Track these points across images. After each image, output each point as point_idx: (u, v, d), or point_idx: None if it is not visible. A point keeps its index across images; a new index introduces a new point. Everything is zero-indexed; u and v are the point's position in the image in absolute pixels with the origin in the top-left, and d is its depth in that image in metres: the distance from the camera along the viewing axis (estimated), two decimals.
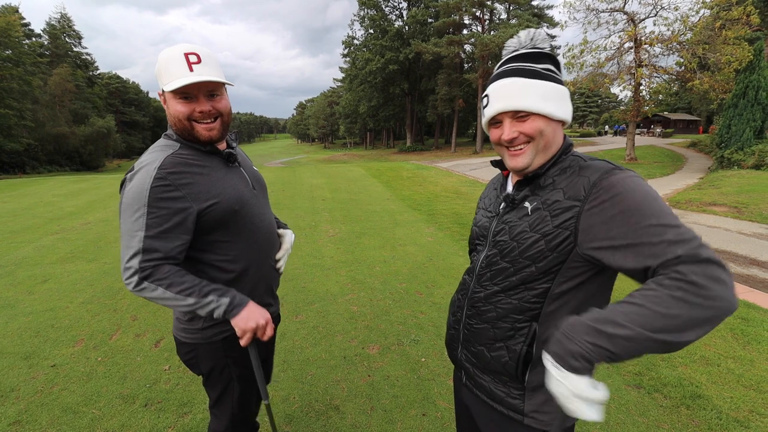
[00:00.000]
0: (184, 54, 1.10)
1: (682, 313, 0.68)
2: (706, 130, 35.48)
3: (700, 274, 0.69)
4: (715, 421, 2.21)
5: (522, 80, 0.92)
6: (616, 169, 0.86)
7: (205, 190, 1.17)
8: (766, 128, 14.89)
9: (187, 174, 1.15)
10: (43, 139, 36.52)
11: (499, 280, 1.00)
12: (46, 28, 48.50)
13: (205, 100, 1.15)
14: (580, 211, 0.85)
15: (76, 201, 9.84)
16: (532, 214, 0.94)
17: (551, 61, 0.95)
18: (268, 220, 1.39)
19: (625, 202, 0.79)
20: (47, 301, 3.81)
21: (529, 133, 0.93)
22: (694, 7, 17.18)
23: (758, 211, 7.80)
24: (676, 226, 0.74)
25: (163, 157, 1.14)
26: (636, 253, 0.76)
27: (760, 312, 3.52)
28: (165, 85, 1.12)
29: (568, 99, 0.96)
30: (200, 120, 1.16)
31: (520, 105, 0.91)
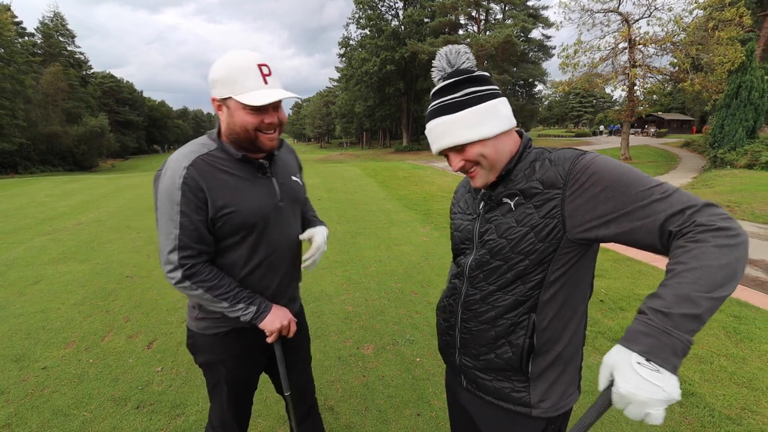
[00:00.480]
0: (258, 65, 1.10)
1: (731, 259, 0.70)
2: (700, 130, 35.76)
3: (718, 218, 0.73)
4: (707, 418, 2.22)
5: (445, 119, 0.96)
6: (583, 153, 0.90)
7: (224, 196, 1.17)
8: (759, 128, 15.05)
9: (210, 177, 1.16)
10: (36, 139, 36.16)
11: (494, 279, 1.01)
12: (39, 26, 48.14)
13: (273, 112, 1.17)
14: (563, 197, 0.88)
15: (69, 201, 9.76)
16: (516, 209, 0.96)
17: (470, 81, 0.96)
18: (289, 235, 1.36)
19: (604, 180, 0.83)
20: (38, 303, 3.76)
21: (470, 159, 0.97)
22: (687, 7, 17.35)
23: (751, 210, 7.87)
24: (657, 185, 0.79)
25: (194, 157, 1.16)
26: (630, 219, 0.79)
27: (752, 310, 3.55)
28: (237, 95, 1.10)
29: (499, 111, 0.96)
30: (265, 131, 1.18)
31: (451, 142, 0.96)
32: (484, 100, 0.95)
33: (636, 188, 0.79)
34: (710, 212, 0.74)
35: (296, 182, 1.40)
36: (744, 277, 4.56)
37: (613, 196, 0.81)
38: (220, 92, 1.14)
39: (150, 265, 4.86)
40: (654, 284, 4.18)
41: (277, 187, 1.31)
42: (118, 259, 5.11)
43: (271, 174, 1.30)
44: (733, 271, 0.70)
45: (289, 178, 1.37)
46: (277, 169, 1.33)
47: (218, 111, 1.20)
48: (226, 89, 1.12)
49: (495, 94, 0.97)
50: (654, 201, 0.77)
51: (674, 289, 0.71)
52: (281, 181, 1.33)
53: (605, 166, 0.84)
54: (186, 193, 1.12)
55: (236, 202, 1.19)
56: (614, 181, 0.82)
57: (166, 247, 1.15)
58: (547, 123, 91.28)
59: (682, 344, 0.68)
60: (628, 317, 3.41)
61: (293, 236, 1.39)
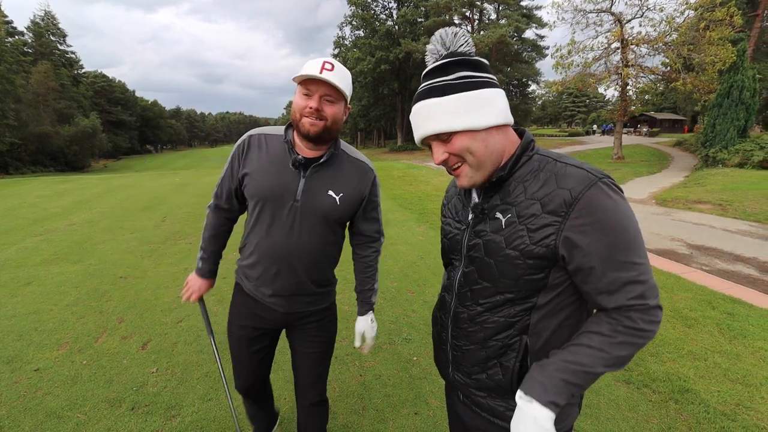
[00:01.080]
0: (323, 61, 1.26)
1: (631, 352, 0.81)
2: (692, 129, 36.14)
3: (647, 321, 0.79)
4: (702, 414, 2.24)
5: (431, 101, 0.86)
6: (595, 178, 0.81)
7: (251, 164, 1.39)
8: (750, 127, 15.22)
9: (255, 148, 1.41)
10: (26, 139, 35.65)
11: (482, 301, 0.95)
12: (29, 26, 47.54)
13: (318, 100, 1.27)
14: (561, 228, 0.81)
15: (61, 202, 9.65)
16: (506, 227, 0.87)
17: (466, 65, 0.86)
18: (298, 238, 1.39)
19: (604, 230, 0.79)
20: (31, 304, 3.71)
21: (455, 152, 0.87)
22: (679, 8, 17.54)
23: (742, 209, 7.96)
24: (640, 264, 0.80)
25: (258, 132, 1.45)
26: (598, 276, 0.81)
27: (745, 307, 3.59)
28: (296, 77, 1.28)
29: (494, 101, 0.86)
30: (308, 115, 1.28)
31: (433, 129, 0.86)
32: (479, 87, 0.85)
33: (626, 256, 0.79)
34: (647, 315, 0.80)
35: (330, 197, 1.39)
36: (737, 274, 4.64)
37: (602, 250, 0.79)
38: (294, 80, 1.32)
39: (144, 265, 4.81)
40: None
41: (301, 185, 1.36)
42: (112, 259, 5.05)
43: (303, 173, 1.36)
44: (626, 359, 0.81)
45: (324, 190, 1.38)
46: (318, 174, 1.38)
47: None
48: (296, 76, 1.28)
49: (492, 83, 0.87)
50: (629, 282, 0.79)
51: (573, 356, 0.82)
52: (312, 185, 1.37)
53: (613, 213, 0.79)
54: (234, 152, 1.44)
55: (255, 172, 1.38)
56: (611, 237, 0.79)
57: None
58: (541, 123, 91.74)
59: (553, 385, 0.81)
60: None
61: (309, 244, 1.40)
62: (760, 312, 3.49)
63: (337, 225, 1.46)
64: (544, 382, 0.81)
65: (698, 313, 3.47)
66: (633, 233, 0.80)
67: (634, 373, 2.63)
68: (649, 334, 0.80)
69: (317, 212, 1.38)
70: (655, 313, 0.80)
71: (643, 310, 0.79)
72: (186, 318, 3.42)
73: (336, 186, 1.39)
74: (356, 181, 1.44)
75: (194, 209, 8.43)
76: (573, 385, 0.81)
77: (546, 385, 0.81)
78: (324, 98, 1.27)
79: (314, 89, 1.26)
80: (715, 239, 6.17)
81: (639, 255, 0.80)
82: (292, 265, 1.41)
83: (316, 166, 1.37)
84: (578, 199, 0.79)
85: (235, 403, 2.34)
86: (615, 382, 2.53)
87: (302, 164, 1.35)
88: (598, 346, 0.80)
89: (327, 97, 1.27)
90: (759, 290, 4.09)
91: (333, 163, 1.40)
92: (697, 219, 7.61)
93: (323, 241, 1.43)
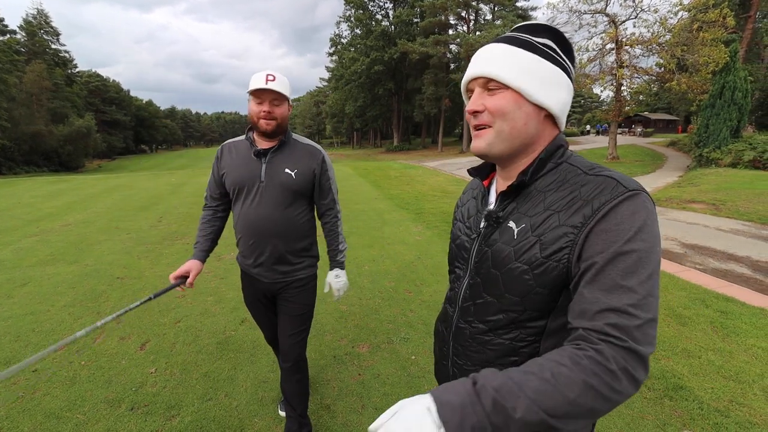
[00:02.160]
0: (266, 74, 1.63)
1: (586, 403, 0.59)
2: (685, 129, 36.39)
3: (622, 367, 0.60)
4: (696, 411, 2.28)
5: (504, 46, 0.78)
6: (626, 191, 0.69)
7: (226, 165, 1.82)
8: (742, 127, 15.36)
9: (227, 153, 1.84)
10: (20, 139, 35.34)
11: (486, 318, 0.85)
12: (22, 24, 47.06)
13: (268, 105, 1.66)
14: (576, 240, 0.70)
15: (56, 202, 9.59)
16: (517, 238, 0.78)
17: (554, 37, 0.79)
18: (268, 210, 1.76)
19: (616, 241, 0.67)
20: (27, 305, 3.70)
21: (492, 109, 0.78)
22: (672, 9, 17.68)
23: (735, 208, 8.04)
24: (640, 296, 0.64)
25: (227, 142, 1.89)
26: (586, 291, 0.67)
27: (738, 305, 3.63)
28: (248, 89, 1.66)
29: (561, 85, 0.79)
30: (263, 117, 1.67)
31: (489, 71, 0.77)
32: (555, 64, 0.78)
33: (625, 279, 0.64)
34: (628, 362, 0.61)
35: (287, 173, 1.76)
36: (730, 273, 4.69)
37: (603, 260, 0.66)
38: (248, 92, 1.69)
39: (141, 266, 4.80)
40: None
41: (263, 169, 1.75)
42: (108, 260, 5.04)
43: (264, 160, 1.76)
44: (578, 414, 0.59)
45: (282, 169, 1.76)
46: (275, 158, 1.77)
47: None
48: (248, 90, 1.68)
49: (568, 71, 0.79)
50: (617, 310, 0.63)
51: (511, 377, 0.61)
52: (272, 168, 1.76)
53: (634, 226, 0.67)
54: (215, 159, 1.88)
55: (228, 169, 1.80)
56: (621, 249, 0.66)
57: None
58: None
59: (479, 427, 0.57)
60: None
61: (275, 214, 1.77)
62: (752, 310, 3.54)
63: (299, 196, 1.81)
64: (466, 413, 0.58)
65: (692, 312, 3.51)
66: (646, 256, 0.65)
67: None
68: (617, 388, 0.60)
69: (278, 186, 1.75)
70: (637, 363, 0.61)
71: (622, 348, 0.61)
72: (184, 318, 3.42)
73: (291, 165, 1.78)
74: (307, 160, 1.82)
75: (191, 209, 8.41)
76: (495, 424, 0.58)
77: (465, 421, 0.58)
78: (272, 102, 1.67)
79: (264, 97, 1.65)
80: (709, 238, 6.24)
81: (642, 284, 0.64)
82: (264, 234, 1.77)
83: (273, 152, 1.76)
84: (601, 210, 0.69)
85: (235, 403, 2.35)
86: None
87: (262, 153, 1.75)
88: (548, 377, 0.60)
89: (275, 101, 1.67)
90: (752, 288, 4.15)
91: (286, 148, 1.80)
92: (690, 218, 7.68)
93: (287, 210, 1.79)
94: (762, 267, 4.91)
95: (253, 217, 1.77)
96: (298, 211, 1.83)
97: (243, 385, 2.54)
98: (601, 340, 0.62)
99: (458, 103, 38.23)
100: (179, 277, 1.72)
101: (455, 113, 41.85)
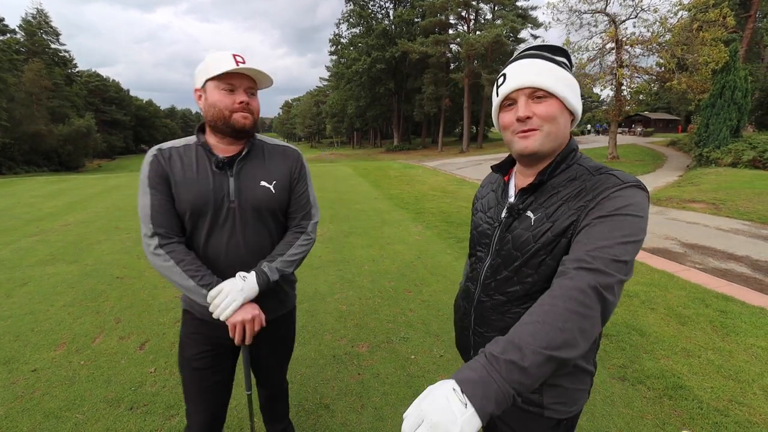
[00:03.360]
0: (232, 54, 1.22)
1: (574, 327, 0.70)
2: (685, 129, 36.42)
3: (591, 283, 0.73)
4: (696, 410, 2.28)
5: (543, 62, 0.92)
6: (624, 183, 0.85)
7: (175, 180, 1.27)
8: (742, 127, 15.36)
9: (171, 163, 1.28)
10: (20, 139, 35.33)
11: (505, 290, 1.00)
12: (21, 24, 47.04)
13: (243, 93, 1.25)
14: (579, 217, 0.86)
15: (56, 202, 9.59)
16: (534, 224, 0.93)
17: (567, 56, 0.97)
18: (245, 239, 1.33)
19: (612, 211, 0.81)
20: (27, 305, 3.70)
21: (543, 115, 0.90)
22: (672, 9, 17.67)
23: (735, 207, 8.04)
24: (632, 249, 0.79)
25: (166, 147, 1.32)
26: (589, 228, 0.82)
27: (737, 305, 3.63)
28: (210, 74, 1.21)
29: (579, 95, 0.96)
30: (239, 110, 1.25)
31: (540, 82, 0.89)
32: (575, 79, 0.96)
33: (623, 232, 0.79)
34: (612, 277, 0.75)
35: (264, 187, 1.34)
36: (730, 273, 4.69)
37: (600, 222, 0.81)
38: (200, 81, 1.26)
39: (141, 265, 4.80)
40: (641, 280, 4.26)
41: (231, 185, 1.30)
42: (108, 260, 5.04)
43: (230, 172, 1.30)
44: (573, 338, 0.69)
45: (257, 182, 1.33)
46: (246, 170, 1.33)
47: (198, 102, 1.30)
48: (203, 75, 1.24)
49: (576, 83, 0.96)
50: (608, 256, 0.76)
51: (510, 336, 0.71)
52: (242, 182, 1.31)
53: (630, 205, 0.82)
54: (151, 171, 1.26)
55: (179, 187, 1.26)
56: (617, 214, 0.81)
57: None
58: None
59: (501, 392, 0.64)
60: (618, 313, 3.46)
61: (251, 242, 1.34)
62: (752, 309, 3.53)
63: (279, 215, 1.41)
64: (486, 383, 0.65)
65: (692, 311, 3.51)
66: (630, 221, 0.80)
67: (628, 370, 2.66)
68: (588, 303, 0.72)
69: (254, 205, 1.32)
70: (605, 282, 0.74)
71: (591, 270, 0.75)
72: None
73: (266, 175, 1.35)
74: (285, 166, 1.41)
75: None
76: (513, 383, 0.66)
77: (488, 391, 0.64)
78: (247, 91, 1.27)
79: (237, 83, 1.24)
80: (709, 238, 6.24)
81: (622, 238, 0.78)
82: (250, 267, 1.32)
83: (240, 160, 1.31)
84: (601, 195, 0.84)
85: (234, 403, 2.35)
86: (610, 379, 2.56)
87: (226, 163, 1.29)
88: (538, 319, 0.72)
89: (251, 90, 1.29)
90: (751, 288, 4.15)
91: (256, 155, 1.36)
92: (690, 218, 7.68)
93: (269, 236, 1.39)
94: (762, 266, 4.91)
95: (225, 252, 1.31)
96: (280, 233, 1.44)
97: (242, 385, 2.53)
98: (575, 269, 0.77)
99: (458, 103, 38.28)
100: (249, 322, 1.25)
101: (455, 113, 41.86)
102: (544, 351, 0.67)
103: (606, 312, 0.75)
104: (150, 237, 1.24)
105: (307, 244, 1.42)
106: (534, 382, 0.66)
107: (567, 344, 0.68)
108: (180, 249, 1.26)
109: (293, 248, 1.38)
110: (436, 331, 3.22)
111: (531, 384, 0.66)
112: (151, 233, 1.24)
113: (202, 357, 1.40)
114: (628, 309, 3.56)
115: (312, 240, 1.45)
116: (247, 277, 1.26)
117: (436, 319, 3.41)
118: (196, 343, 1.40)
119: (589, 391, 1.05)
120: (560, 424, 1.02)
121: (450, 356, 2.86)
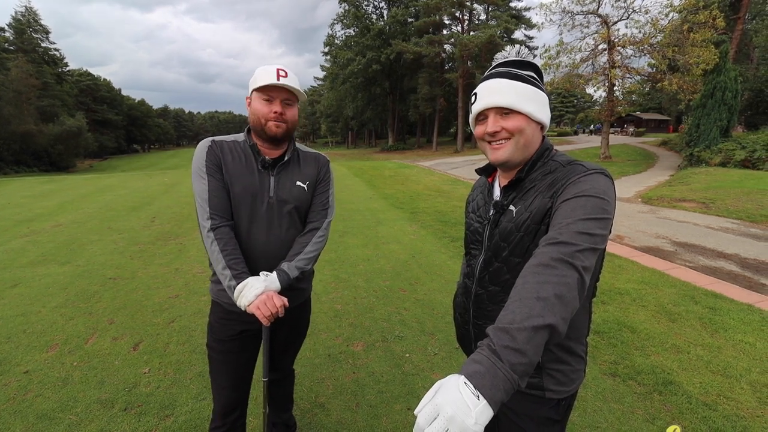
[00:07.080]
0: (276, 69, 1.38)
1: (549, 294, 0.75)
2: (676, 129, 36.76)
3: (568, 253, 0.80)
4: (685, 405, 2.32)
5: (507, 81, 1.01)
6: (590, 170, 0.95)
7: (230, 169, 1.44)
8: (732, 127, 15.58)
9: (226, 154, 1.46)
10: (9, 138, 34.82)
11: (498, 280, 1.10)
12: (11, 22, 46.39)
13: (280, 105, 1.41)
14: (553, 203, 0.95)
15: (46, 202, 9.48)
16: (516, 216, 1.03)
17: (534, 69, 1.05)
18: (275, 233, 1.49)
19: (581, 191, 0.90)
20: (18, 306, 3.66)
21: (510, 129, 1.01)
22: (663, 10, 17.85)
23: (725, 207, 8.16)
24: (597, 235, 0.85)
25: (220, 139, 1.51)
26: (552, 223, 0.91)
27: (726, 302, 3.70)
28: (255, 86, 1.39)
29: (547, 105, 1.05)
30: (273, 119, 1.41)
31: (504, 102, 1.00)
32: (540, 90, 1.03)
33: (585, 210, 0.87)
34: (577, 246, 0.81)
35: (300, 188, 1.53)
36: (719, 270, 4.76)
37: (573, 200, 0.90)
38: (250, 90, 1.45)
39: (134, 266, 4.77)
40: (632, 278, 4.31)
41: (272, 183, 1.48)
42: (100, 260, 5.00)
43: (272, 173, 1.49)
44: (552, 304, 0.73)
45: (294, 182, 1.53)
46: (285, 172, 1.52)
47: (248, 108, 1.48)
48: (251, 86, 1.43)
49: (546, 93, 1.05)
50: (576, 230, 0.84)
51: (497, 323, 0.74)
52: (282, 181, 1.50)
53: (597, 187, 0.91)
54: (208, 159, 1.43)
55: (233, 177, 1.43)
56: (587, 194, 0.89)
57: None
58: None
59: (507, 379, 0.67)
60: (609, 310, 3.51)
61: (288, 237, 1.52)
62: (740, 306, 3.60)
63: (306, 213, 1.58)
64: (493, 373, 0.67)
65: (682, 308, 3.56)
66: (594, 202, 0.88)
67: (619, 366, 2.70)
68: (556, 272, 0.78)
69: (291, 203, 1.50)
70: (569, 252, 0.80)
71: (556, 243, 0.83)
72: (178, 318, 3.40)
73: (301, 177, 1.55)
74: (316, 170, 1.60)
75: (184, 209, 8.36)
76: (515, 366, 0.68)
77: (496, 381, 0.67)
78: (284, 102, 1.42)
79: (275, 95, 1.40)
80: (699, 236, 6.33)
81: (586, 215, 0.86)
82: (273, 261, 1.47)
83: (282, 164, 1.51)
84: (569, 181, 0.95)
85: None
86: (602, 375, 2.60)
87: (269, 164, 1.48)
88: (518, 297, 0.76)
89: (287, 101, 1.43)
90: (740, 285, 4.22)
91: (294, 159, 1.56)
92: (681, 217, 7.78)
93: (297, 232, 1.55)
94: (750, 264, 4.99)
95: (262, 242, 1.47)
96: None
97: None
98: (543, 245, 0.84)
99: (453, 103, 38.31)
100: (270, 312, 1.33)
101: (450, 113, 41.89)
102: (527, 323, 0.70)
103: (583, 277, 0.80)
104: (206, 219, 1.39)
105: (321, 242, 1.57)
106: (533, 358, 0.69)
107: (547, 310, 0.72)
108: (227, 236, 1.40)
109: (309, 246, 1.52)
110: (431, 329, 3.24)
111: (530, 361, 0.69)
112: (207, 216, 1.39)
113: (231, 339, 1.55)
114: (619, 306, 3.61)
115: (325, 237, 1.60)
116: (270, 275, 1.39)
117: (430, 318, 3.43)
118: (224, 328, 1.55)
119: (584, 370, 1.13)
120: (560, 403, 1.09)
121: (444, 354, 2.88)
